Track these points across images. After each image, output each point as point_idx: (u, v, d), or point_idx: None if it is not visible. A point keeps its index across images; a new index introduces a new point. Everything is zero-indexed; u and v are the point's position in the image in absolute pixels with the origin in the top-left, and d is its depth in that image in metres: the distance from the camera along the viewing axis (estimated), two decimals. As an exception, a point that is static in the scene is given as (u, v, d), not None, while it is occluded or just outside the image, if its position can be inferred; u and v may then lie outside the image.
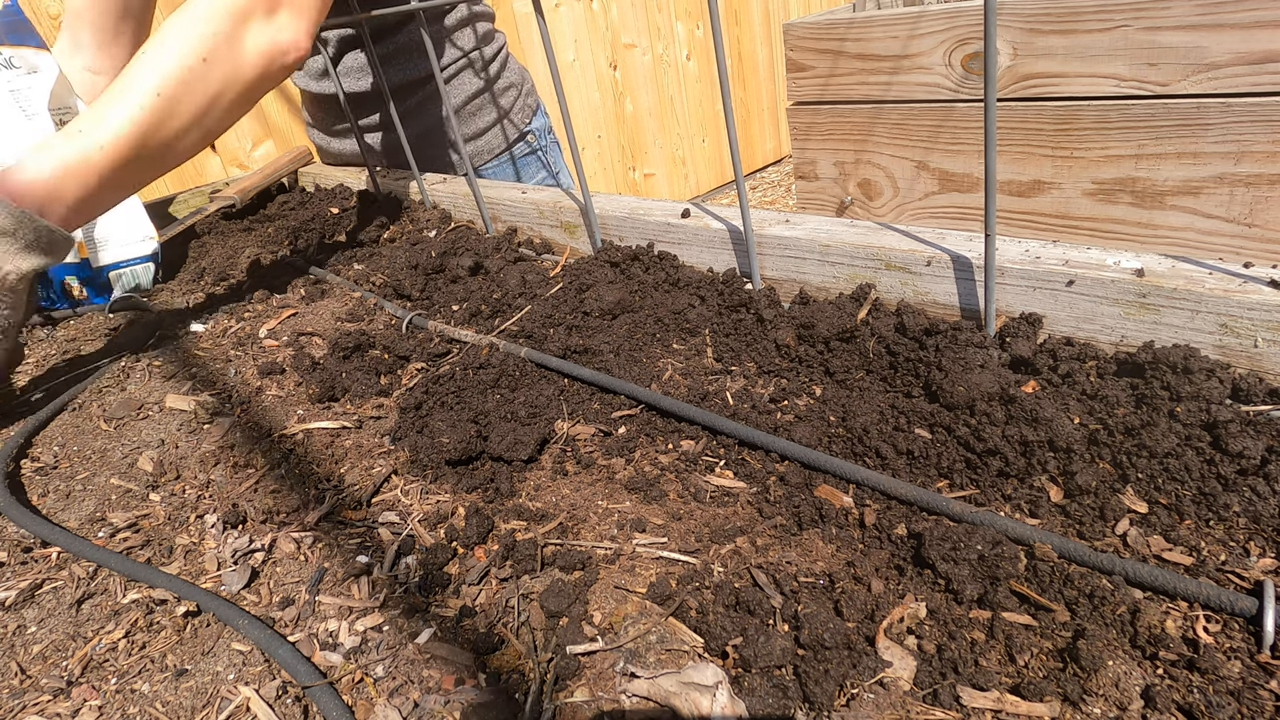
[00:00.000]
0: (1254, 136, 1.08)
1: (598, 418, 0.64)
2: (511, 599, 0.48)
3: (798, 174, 1.70)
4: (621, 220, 0.88)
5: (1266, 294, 0.48)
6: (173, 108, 0.74)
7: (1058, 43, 1.19)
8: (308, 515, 0.59)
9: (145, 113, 0.72)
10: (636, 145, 3.89)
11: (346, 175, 1.43)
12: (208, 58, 0.75)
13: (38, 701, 0.46)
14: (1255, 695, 0.34)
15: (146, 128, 0.73)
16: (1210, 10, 1.05)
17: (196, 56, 0.74)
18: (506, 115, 1.36)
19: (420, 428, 0.65)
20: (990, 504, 0.48)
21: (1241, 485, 0.44)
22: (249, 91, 0.80)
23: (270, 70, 0.81)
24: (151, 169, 0.78)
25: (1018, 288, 0.58)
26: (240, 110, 0.82)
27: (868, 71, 1.45)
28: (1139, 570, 0.40)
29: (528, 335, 0.78)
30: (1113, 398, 0.50)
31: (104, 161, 0.71)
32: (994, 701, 0.36)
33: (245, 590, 0.53)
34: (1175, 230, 1.21)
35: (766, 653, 0.40)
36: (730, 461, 0.57)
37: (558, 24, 3.35)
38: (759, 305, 0.70)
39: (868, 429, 0.54)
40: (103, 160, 0.71)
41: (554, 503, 0.56)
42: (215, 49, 0.75)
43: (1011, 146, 1.32)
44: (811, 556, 0.47)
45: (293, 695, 0.44)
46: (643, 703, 0.39)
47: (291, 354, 0.85)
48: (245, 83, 0.79)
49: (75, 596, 0.55)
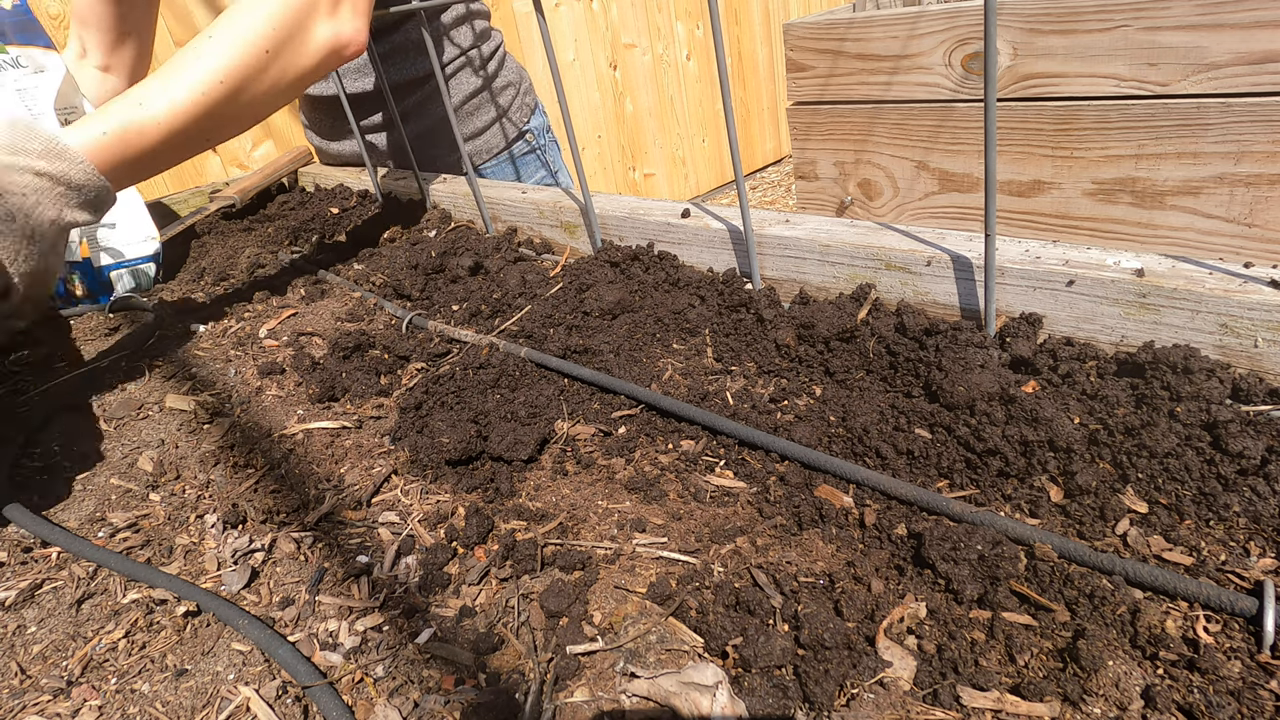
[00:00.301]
0: (1254, 136, 1.08)
1: (598, 418, 0.64)
2: (511, 599, 0.48)
3: (798, 174, 1.70)
4: (621, 220, 0.88)
5: (1266, 294, 0.48)
6: (233, 95, 0.77)
7: (1058, 43, 1.19)
8: (308, 515, 0.59)
9: (206, 97, 0.75)
10: (636, 145, 3.89)
11: (346, 175, 1.43)
12: (271, 49, 0.77)
13: (38, 701, 0.46)
14: (1255, 695, 0.34)
15: (204, 110, 0.75)
16: (1210, 10, 1.04)
17: (261, 49, 0.76)
18: (505, 114, 1.36)
19: (420, 428, 0.65)
20: (990, 504, 0.48)
21: (1241, 485, 0.44)
22: (302, 82, 0.83)
23: (329, 62, 0.84)
24: (198, 146, 0.80)
25: (1018, 288, 0.58)
26: (289, 98, 0.84)
27: (868, 71, 1.45)
28: (1139, 570, 0.40)
29: (528, 335, 0.78)
30: (1113, 398, 0.50)
31: (158, 134, 0.74)
32: (994, 701, 0.36)
33: (245, 590, 0.53)
34: (1175, 230, 1.21)
35: (766, 653, 0.40)
36: (730, 461, 0.57)
37: (558, 24, 3.35)
38: (759, 305, 0.70)
39: (868, 429, 0.54)
40: (157, 133, 0.74)
41: (554, 503, 0.56)
42: (281, 42, 0.78)
43: (1011, 146, 1.32)
44: (811, 556, 0.47)
45: (293, 695, 0.44)
46: (643, 703, 0.39)
47: (291, 354, 0.85)
48: (303, 72, 0.81)
49: (75, 596, 0.55)
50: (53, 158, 0.67)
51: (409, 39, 1.25)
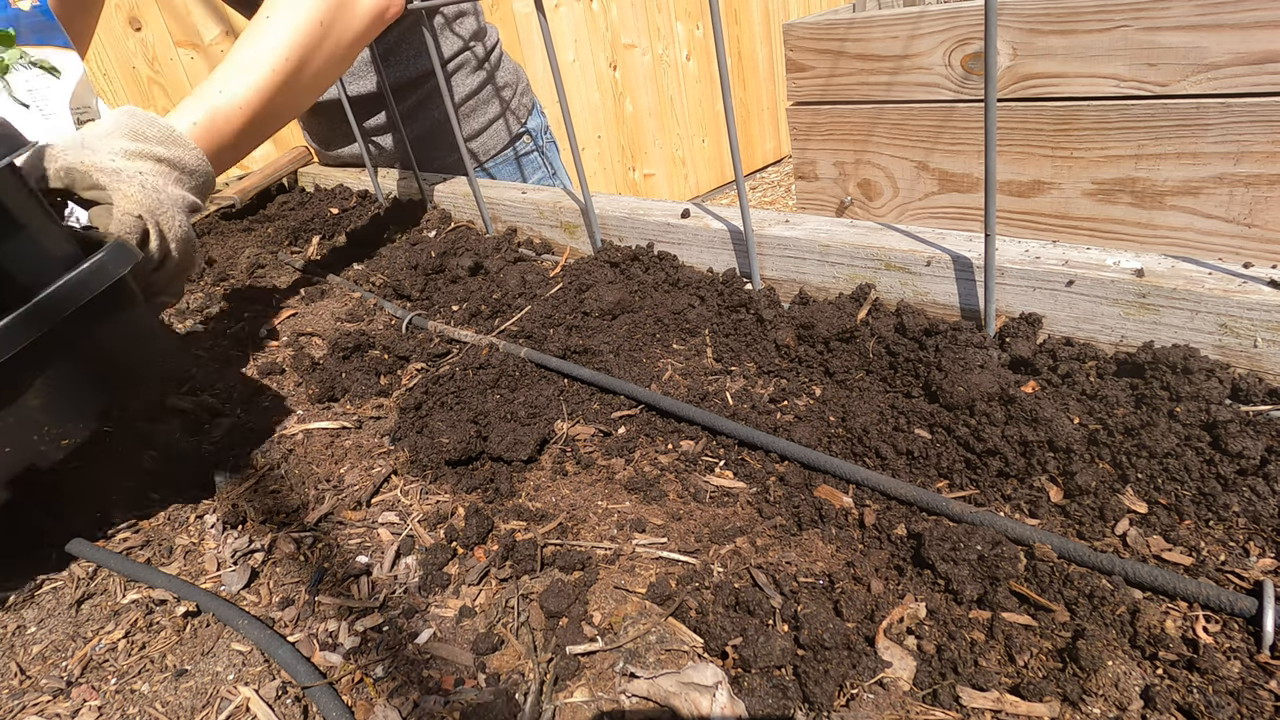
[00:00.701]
0: (1254, 136, 1.08)
1: (597, 418, 0.64)
2: (511, 599, 0.48)
3: (798, 174, 1.70)
4: (621, 220, 0.88)
5: (1266, 294, 0.48)
6: (299, 68, 0.82)
7: (1058, 43, 1.19)
8: (308, 515, 0.59)
9: (275, 73, 0.79)
10: (636, 145, 3.89)
11: (346, 175, 1.43)
12: (325, 20, 0.83)
13: (37, 702, 0.46)
14: (1255, 695, 0.34)
15: (277, 86, 0.80)
16: (1210, 10, 1.04)
17: (316, 20, 0.82)
18: (503, 113, 1.36)
19: (420, 428, 0.65)
20: (990, 504, 0.48)
21: (1241, 485, 0.44)
22: (355, 47, 0.89)
23: (375, 26, 0.89)
24: (274, 125, 0.84)
25: (1018, 288, 0.58)
26: (345, 66, 0.90)
27: (868, 72, 1.45)
28: (1139, 570, 0.40)
29: (528, 335, 0.78)
30: (1112, 398, 0.50)
31: (242, 117, 0.78)
32: (994, 701, 0.36)
33: (245, 590, 0.53)
34: (1175, 230, 1.21)
35: (766, 653, 0.40)
36: (730, 462, 0.57)
37: (558, 24, 3.35)
38: (759, 305, 0.70)
39: (867, 429, 0.54)
40: (241, 116, 0.78)
41: (554, 503, 0.56)
42: (333, 11, 0.84)
43: (1011, 147, 1.32)
44: (811, 557, 0.47)
45: (293, 695, 0.44)
46: (642, 703, 0.39)
47: (291, 354, 0.85)
48: (355, 36, 0.87)
49: (75, 596, 0.55)
50: (170, 144, 0.71)
51: (404, 39, 1.25)
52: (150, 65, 2.30)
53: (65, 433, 0.54)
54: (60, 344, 0.53)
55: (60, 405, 0.54)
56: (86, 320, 0.54)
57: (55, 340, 0.52)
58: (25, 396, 0.52)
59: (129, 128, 0.69)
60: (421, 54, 1.27)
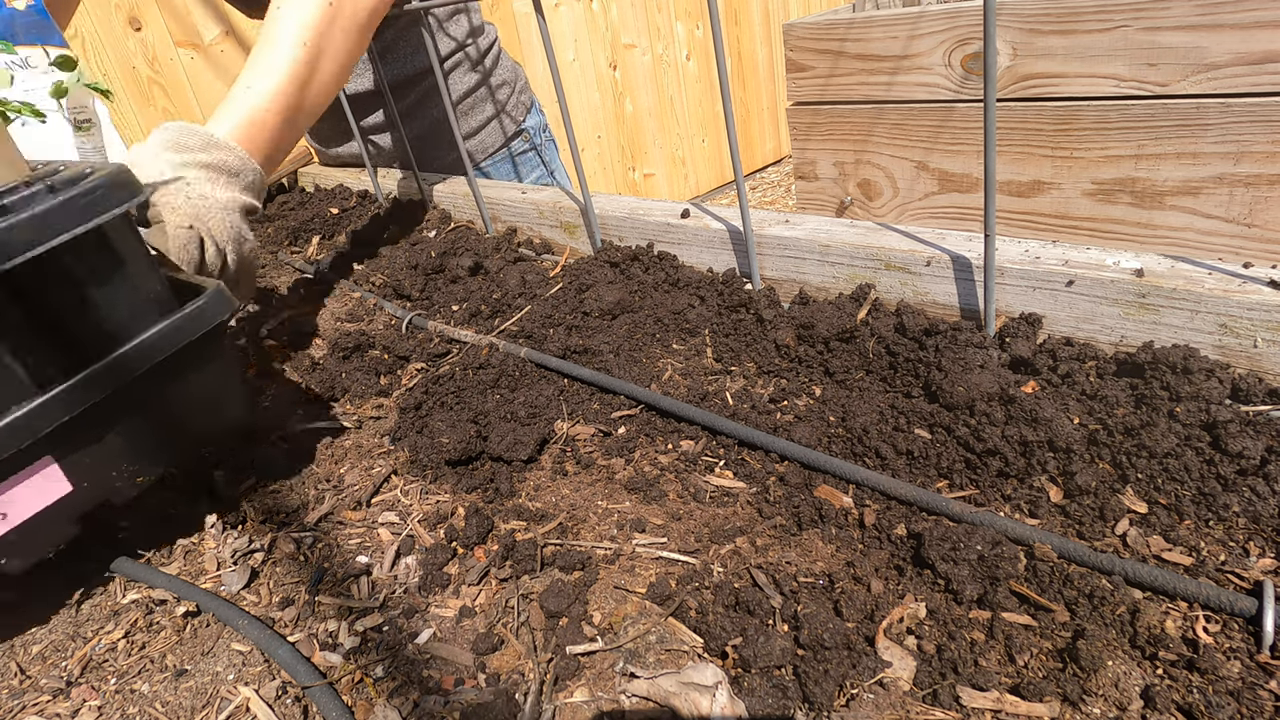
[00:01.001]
0: (1254, 136, 1.08)
1: (597, 418, 0.64)
2: (511, 599, 0.48)
3: (798, 174, 1.70)
4: (621, 220, 0.88)
5: (1266, 294, 0.48)
6: (318, 53, 0.82)
7: (1057, 43, 1.19)
8: (308, 515, 0.59)
9: (297, 62, 0.80)
10: (636, 145, 3.89)
11: (346, 175, 1.43)
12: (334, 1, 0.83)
13: (37, 702, 0.46)
14: (1255, 695, 0.34)
15: (301, 74, 0.81)
16: (1210, 10, 1.04)
17: (325, 1, 0.83)
18: (501, 112, 1.36)
19: (420, 428, 0.65)
20: (990, 504, 0.48)
21: (1241, 485, 0.44)
22: (369, 24, 0.90)
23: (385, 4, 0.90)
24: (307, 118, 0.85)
25: (1017, 288, 0.58)
26: (362, 46, 0.90)
27: (868, 72, 1.45)
28: (1139, 570, 0.40)
29: (527, 335, 0.78)
30: (1112, 398, 0.50)
31: (275, 110, 0.79)
32: (994, 702, 0.36)
33: (245, 590, 0.53)
34: (1175, 230, 1.21)
35: (766, 653, 0.40)
36: (730, 461, 0.57)
37: (557, 24, 3.35)
38: (759, 305, 0.70)
39: (867, 429, 0.54)
40: (274, 109, 0.79)
41: (554, 503, 0.56)
42: None
43: (1011, 147, 1.31)
44: (811, 556, 0.47)
45: (293, 695, 0.44)
46: (642, 703, 0.39)
47: (291, 354, 0.85)
48: (368, 12, 0.88)
49: (75, 597, 0.55)
50: (211, 149, 0.72)
51: (401, 37, 1.25)
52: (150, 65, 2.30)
53: (141, 470, 0.55)
54: (154, 385, 0.53)
55: (142, 445, 0.54)
56: (180, 364, 0.55)
57: (149, 381, 0.53)
58: (111, 435, 0.52)
59: (171, 141, 0.71)
60: (419, 51, 1.26)
